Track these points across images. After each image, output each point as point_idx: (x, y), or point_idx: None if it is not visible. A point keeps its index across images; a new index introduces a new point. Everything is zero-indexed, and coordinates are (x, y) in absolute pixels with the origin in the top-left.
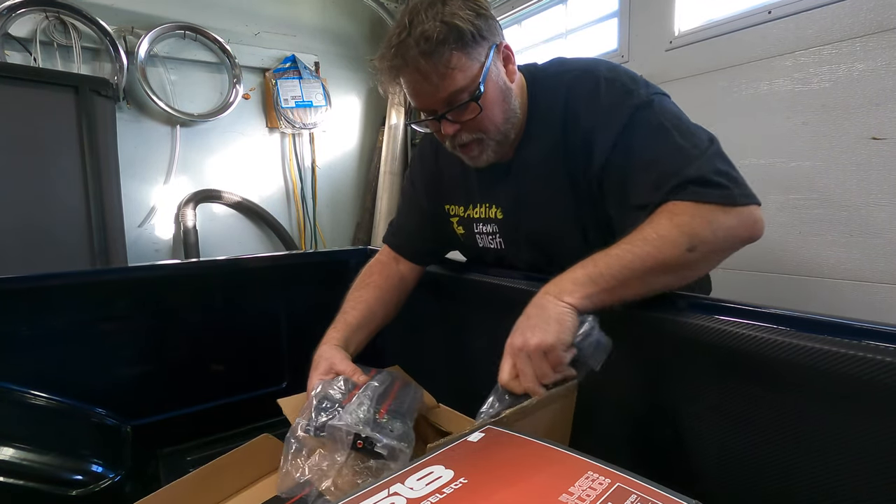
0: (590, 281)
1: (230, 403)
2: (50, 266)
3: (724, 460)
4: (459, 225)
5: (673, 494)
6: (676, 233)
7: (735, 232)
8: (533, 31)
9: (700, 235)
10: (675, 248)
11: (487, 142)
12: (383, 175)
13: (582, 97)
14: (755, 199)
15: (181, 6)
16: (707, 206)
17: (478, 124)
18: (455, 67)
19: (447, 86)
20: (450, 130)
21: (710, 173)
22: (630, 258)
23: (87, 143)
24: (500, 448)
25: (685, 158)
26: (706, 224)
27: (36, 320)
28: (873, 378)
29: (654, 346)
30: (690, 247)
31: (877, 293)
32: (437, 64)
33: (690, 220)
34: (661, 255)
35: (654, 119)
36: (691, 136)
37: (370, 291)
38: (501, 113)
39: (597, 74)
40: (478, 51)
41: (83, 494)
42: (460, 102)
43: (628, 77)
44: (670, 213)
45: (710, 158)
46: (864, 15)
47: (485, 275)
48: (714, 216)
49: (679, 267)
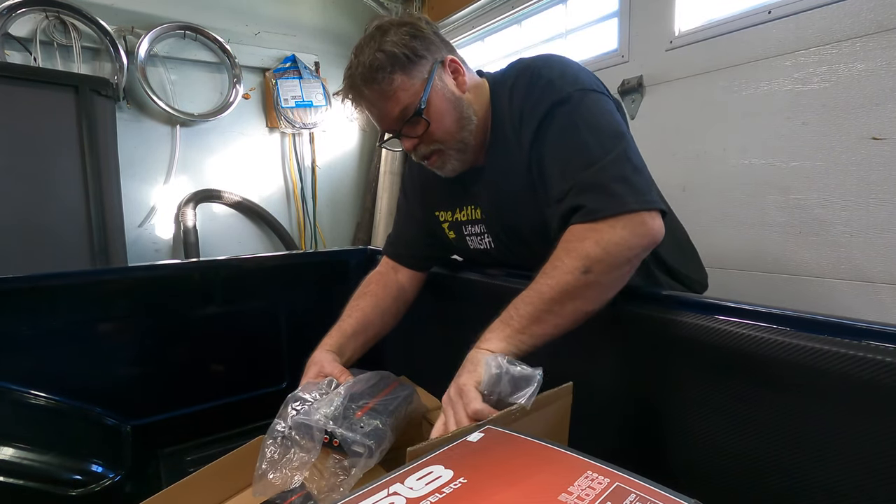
0: (503, 325)
1: (230, 403)
2: (50, 266)
3: (724, 460)
4: (450, 230)
5: (672, 494)
6: (569, 259)
7: (627, 243)
8: (533, 31)
9: (591, 256)
10: (569, 273)
11: (447, 152)
12: (383, 175)
13: (519, 94)
14: (652, 204)
15: (181, 6)
16: (599, 223)
17: (431, 136)
18: (396, 88)
19: (393, 106)
20: (408, 146)
21: (607, 180)
22: (533, 295)
23: (87, 143)
24: (499, 448)
25: (586, 159)
26: (594, 244)
27: (36, 320)
28: (873, 378)
29: (654, 345)
30: (585, 269)
31: (877, 293)
32: (379, 89)
33: (580, 244)
34: (559, 284)
35: (568, 115)
36: (599, 133)
37: (366, 300)
38: (454, 122)
39: (532, 70)
40: (418, 69)
41: (83, 494)
42: (408, 118)
43: (558, 72)
44: (565, 242)
45: (613, 162)
46: (864, 15)
47: (484, 275)
48: (602, 234)
49: (580, 291)
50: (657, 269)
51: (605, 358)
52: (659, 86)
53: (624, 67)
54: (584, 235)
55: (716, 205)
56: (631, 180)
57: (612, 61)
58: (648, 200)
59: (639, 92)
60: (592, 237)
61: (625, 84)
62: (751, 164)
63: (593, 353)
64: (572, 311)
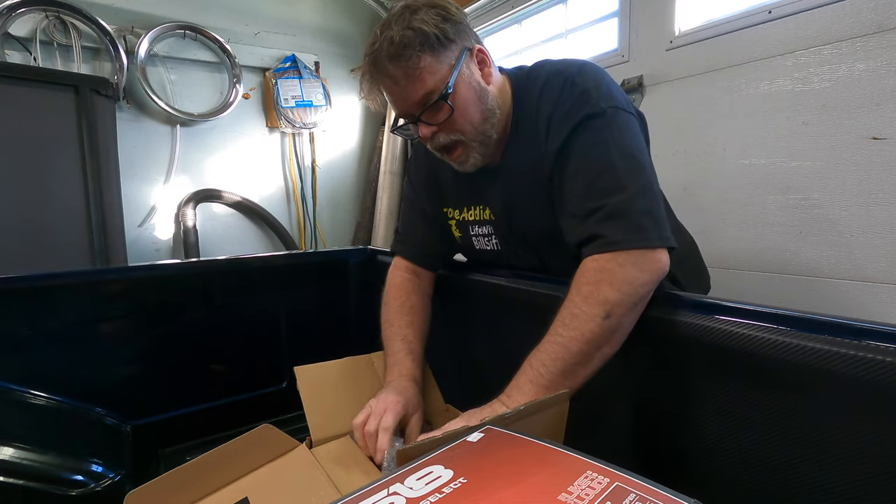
0: (531, 385)
1: (230, 403)
2: (50, 266)
3: (724, 460)
4: (457, 228)
5: (672, 494)
6: (587, 307)
7: (639, 281)
8: (533, 30)
9: (610, 300)
10: (591, 321)
11: (469, 144)
12: (383, 175)
13: (550, 99)
14: (668, 241)
15: (181, 6)
16: (612, 261)
17: (453, 125)
18: (423, 69)
19: (417, 88)
20: (426, 132)
21: (635, 211)
22: (559, 350)
23: (87, 143)
24: (499, 448)
25: (614, 181)
26: (611, 288)
27: (36, 320)
28: (873, 378)
29: (654, 345)
30: (606, 314)
31: (877, 293)
32: (405, 67)
33: (595, 288)
34: (584, 336)
35: (599, 130)
36: (630, 159)
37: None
38: (478, 113)
39: (566, 76)
40: (446, 53)
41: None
42: (432, 102)
43: (594, 83)
44: (577, 286)
45: (642, 192)
46: (864, 15)
47: (489, 275)
48: (616, 276)
49: (605, 337)
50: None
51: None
52: (659, 85)
53: (624, 67)
54: (596, 278)
55: (716, 204)
56: (655, 215)
57: (612, 61)
58: (666, 237)
59: (639, 92)
60: (606, 279)
61: (625, 84)
62: (751, 164)
63: None
64: (599, 359)
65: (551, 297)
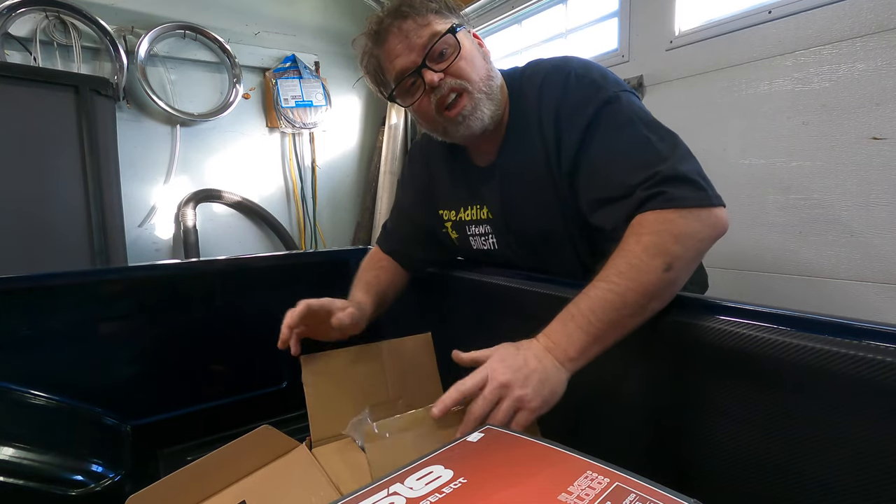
0: (583, 333)
1: (230, 403)
2: (50, 266)
3: (723, 460)
4: (453, 229)
5: (672, 494)
6: (648, 257)
7: (702, 236)
8: (533, 30)
9: (671, 252)
10: (651, 273)
11: (475, 95)
12: (383, 175)
13: (552, 95)
14: (722, 201)
15: (181, 6)
16: (674, 213)
17: (458, 70)
18: (430, 19)
19: (425, 31)
20: (432, 77)
21: (686, 172)
22: (613, 299)
23: (87, 143)
24: (499, 448)
25: (655, 152)
26: (674, 239)
27: (36, 320)
28: (873, 378)
29: (654, 345)
30: (666, 267)
31: (877, 293)
32: (415, 19)
33: (657, 238)
34: (642, 286)
35: (621, 114)
36: (658, 130)
37: (385, 274)
38: (482, 66)
39: (567, 70)
40: (450, 18)
41: (83, 494)
42: (440, 37)
43: (598, 73)
44: (637, 236)
45: (683, 156)
46: (864, 15)
47: (483, 275)
48: (679, 227)
49: (662, 290)
50: None
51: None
52: (659, 85)
53: (624, 67)
54: (658, 228)
55: None
56: (704, 176)
57: (613, 61)
58: (719, 197)
59: (639, 92)
60: (668, 230)
61: None
62: (751, 164)
63: None
64: (651, 311)
65: (552, 298)
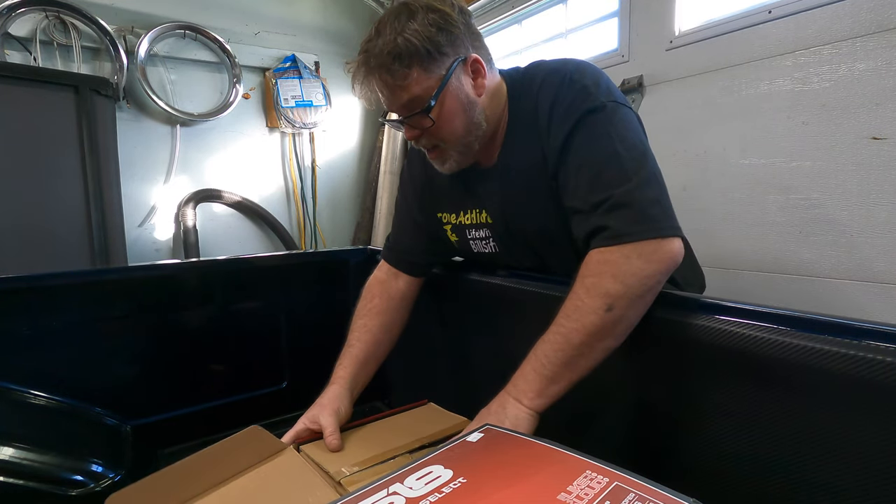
0: (537, 376)
1: (230, 403)
2: (50, 266)
3: (723, 460)
4: (453, 232)
5: (672, 494)
6: (589, 299)
7: (646, 273)
8: (533, 30)
9: (612, 292)
10: (593, 314)
11: (448, 151)
12: (383, 175)
13: (548, 98)
14: (678, 231)
15: (181, 6)
16: (616, 252)
17: (436, 133)
18: (410, 81)
19: (402, 96)
20: (410, 135)
21: (642, 200)
22: (561, 341)
23: (87, 143)
24: (498, 448)
25: (619, 171)
26: (614, 280)
27: (36, 320)
28: (873, 378)
29: (654, 345)
30: (608, 307)
31: (877, 293)
32: (394, 77)
33: (598, 280)
34: (585, 327)
35: (600, 125)
36: (633, 150)
37: (374, 319)
38: (461, 125)
39: (564, 73)
40: (437, 65)
41: (83, 494)
42: (415, 112)
43: (592, 79)
44: (581, 278)
45: (647, 181)
46: (864, 15)
47: (485, 275)
48: (619, 267)
49: (607, 330)
50: None
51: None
52: (659, 85)
53: (624, 67)
54: (598, 269)
55: (716, 204)
56: (664, 203)
57: (613, 61)
58: (675, 227)
59: (639, 92)
60: (609, 271)
61: (625, 84)
62: (751, 164)
63: None
64: (602, 351)
65: (551, 297)
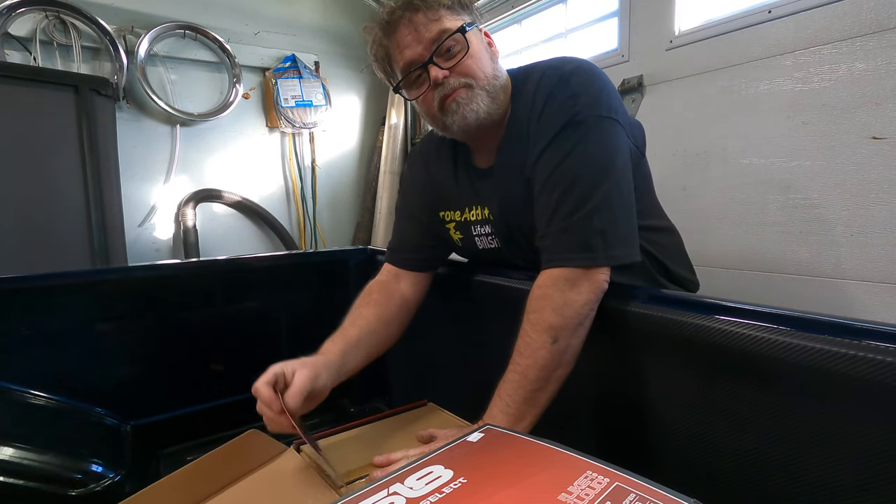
0: (503, 415)
1: (230, 403)
2: (50, 266)
3: (724, 460)
4: (457, 230)
5: (671, 493)
6: (535, 334)
7: (580, 302)
8: (533, 30)
9: (553, 325)
10: (542, 348)
11: (477, 91)
12: (383, 175)
13: (543, 93)
14: (612, 261)
15: (181, 6)
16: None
17: (464, 68)
18: (442, 14)
19: (435, 26)
20: (437, 74)
21: (584, 226)
22: (518, 378)
23: (87, 143)
24: (499, 448)
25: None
26: (553, 313)
27: (36, 320)
28: (873, 378)
29: (654, 345)
30: (553, 340)
31: (877, 293)
32: (426, 13)
33: (540, 315)
34: (537, 362)
35: (571, 139)
36: (596, 173)
37: (370, 308)
38: (489, 65)
39: (561, 73)
40: (463, 15)
41: (83, 494)
42: (448, 35)
43: (583, 87)
44: (527, 314)
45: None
46: (864, 15)
47: (486, 275)
48: (556, 301)
49: (557, 360)
50: (661, 276)
51: (605, 358)
52: (659, 85)
53: (624, 67)
54: (539, 305)
55: (716, 204)
56: (606, 233)
57: (612, 61)
58: (611, 256)
59: (639, 91)
60: (548, 306)
61: (625, 84)
62: (751, 164)
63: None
64: (556, 381)
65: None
